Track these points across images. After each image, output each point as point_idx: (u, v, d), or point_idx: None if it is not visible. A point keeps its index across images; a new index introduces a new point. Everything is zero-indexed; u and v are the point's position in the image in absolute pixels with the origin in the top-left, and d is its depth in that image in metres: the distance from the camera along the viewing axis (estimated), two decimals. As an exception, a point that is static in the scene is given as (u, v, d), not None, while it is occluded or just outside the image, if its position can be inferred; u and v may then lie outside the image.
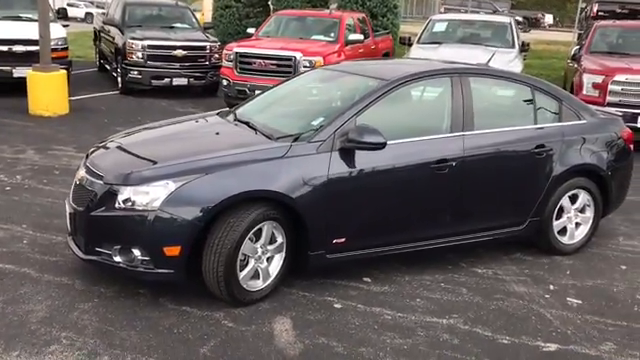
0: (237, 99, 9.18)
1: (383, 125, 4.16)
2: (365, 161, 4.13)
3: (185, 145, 4.30)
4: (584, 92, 9.05)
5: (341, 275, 4.42)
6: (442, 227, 4.52)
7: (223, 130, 4.54)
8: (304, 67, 9.58)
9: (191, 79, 11.68)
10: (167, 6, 13.37)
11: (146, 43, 11.34)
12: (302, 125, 4.32)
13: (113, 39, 12.36)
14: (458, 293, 4.34)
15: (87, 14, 34.52)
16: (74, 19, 33.77)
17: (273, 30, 11.60)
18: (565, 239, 5.07)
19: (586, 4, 22.03)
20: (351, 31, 11.36)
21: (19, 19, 10.97)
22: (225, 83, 10.42)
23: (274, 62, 10.01)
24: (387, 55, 13.35)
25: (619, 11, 18.39)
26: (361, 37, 11.26)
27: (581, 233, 5.14)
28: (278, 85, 5.45)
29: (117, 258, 3.79)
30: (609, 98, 8.75)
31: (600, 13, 18.56)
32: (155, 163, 3.90)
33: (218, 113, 5.05)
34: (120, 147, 4.32)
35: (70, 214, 4.11)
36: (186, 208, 3.67)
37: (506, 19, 11.61)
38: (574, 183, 4.98)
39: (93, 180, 3.96)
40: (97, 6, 34.11)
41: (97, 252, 3.86)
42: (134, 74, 11.39)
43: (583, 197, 5.06)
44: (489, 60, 5.24)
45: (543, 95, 4.97)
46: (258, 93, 5.67)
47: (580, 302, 4.30)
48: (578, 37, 17.14)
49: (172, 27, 12.56)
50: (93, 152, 4.37)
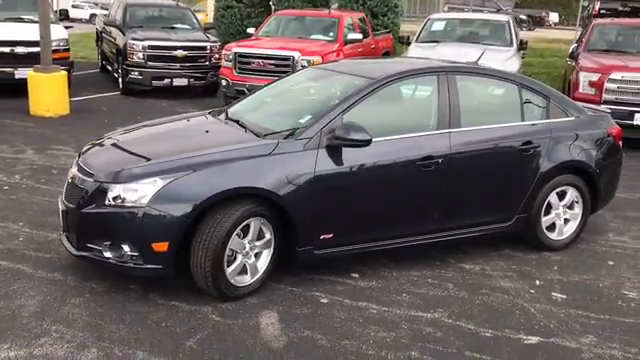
0: (236, 99, 9.24)
1: (370, 123, 4.24)
2: (351, 158, 4.20)
3: (174, 143, 4.38)
4: (580, 90, 9.09)
5: (329, 271, 4.49)
6: (429, 223, 4.59)
7: (213, 128, 4.62)
8: (302, 67, 9.65)
9: (191, 79, 11.78)
10: (168, 7, 13.48)
11: (146, 44, 11.44)
12: (291, 123, 4.39)
13: (114, 40, 12.47)
14: (444, 288, 4.40)
15: (92, 15, 34.71)
16: (79, 20, 34.05)
17: (273, 30, 11.69)
18: (554, 235, 5.13)
19: (588, 2, 22.03)
20: (350, 30, 11.43)
21: (21, 21, 11.09)
22: (224, 83, 10.52)
23: (272, 62, 10.10)
24: (387, 54, 13.41)
25: (621, 9, 18.37)
26: (360, 36, 11.33)
27: (570, 229, 5.19)
28: (270, 84, 5.53)
29: (107, 254, 3.87)
30: (605, 96, 8.78)
31: (602, 11, 18.55)
32: (149, 160, 3.98)
33: (210, 112, 5.14)
34: (111, 145, 4.41)
35: (62, 211, 4.20)
36: (173, 205, 3.75)
37: (504, 18, 11.65)
38: (562, 180, 5.03)
39: (84, 178, 4.05)
40: (101, 7, 34.27)
41: (88, 248, 3.95)
42: (135, 75, 11.50)
43: (571, 193, 5.11)
44: (479, 58, 5.28)
45: (530, 93, 5.02)
46: (251, 92, 5.74)
47: (565, 297, 4.36)
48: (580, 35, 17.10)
49: (173, 28, 12.68)
50: (85, 151, 4.46)
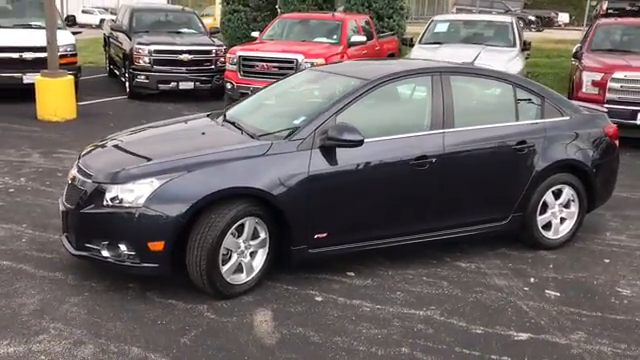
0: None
1: (364, 123, 4.32)
2: (345, 158, 4.26)
3: (170, 145, 4.47)
4: (584, 90, 9.10)
5: (326, 270, 4.56)
6: (423, 222, 4.64)
7: (210, 130, 4.71)
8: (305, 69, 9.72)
9: (197, 83, 11.89)
10: (174, 11, 13.67)
11: (152, 48, 11.58)
12: (286, 124, 4.46)
13: (121, 45, 12.63)
14: (439, 286, 4.45)
15: (101, 21, 34.94)
16: (88, 26, 34.43)
17: (277, 33, 11.80)
18: (550, 234, 5.16)
19: (597, 2, 21.97)
20: (354, 33, 11.50)
21: (29, 27, 11.25)
22: (229, 86, 10.63)
23: (276, 65, 10.20)
24: (392, 56, 13.46)
25: (629, 8, 18.33)
26: (364, 38, 11.39)
27: (566, 228, 5.21)
28: (268, 86, 5.61)
29: (105, 253, 3.96)
30: (608, 95, 8.79)
31: (610, 11, 18.52)
32: (148, 161, 4.07)
33: (209, 114, 5.22)
34: (108, 147, 4.52)
35: (63, 212, 4.30)
36: (169, 205, 3.84)
37: (507, 19, 11.68)
38: (557, 179, 5.06)
39: (83, 179, 4.15)
40: (111, 13, 34.60)
41: (87, 248, 4.04)
42: (141, 79, 11.64)
43: (567, 192, 5.14)
44: (475, 59, 5.33)
45: (525, 92, 5.06)
46: (249, 94, 5.83)
47: (558, 294, 4.39)
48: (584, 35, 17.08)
49: (179, 32, 12.82)
50: (85, 153, 4.56)
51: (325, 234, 4.29)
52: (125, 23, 12.84)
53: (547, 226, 5.14)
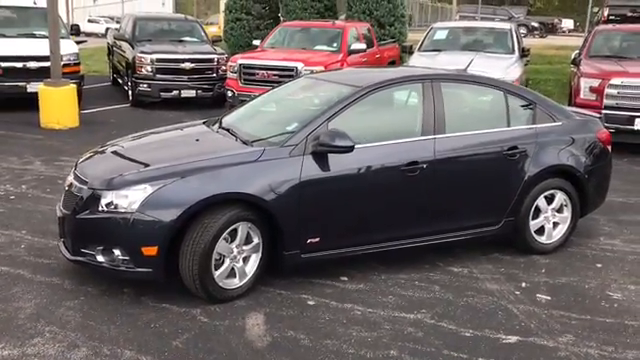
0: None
1: (356, 130, 4.40)
2: (337, 164, 4.32)
3: (165, 151, 4.55)
4: (582, 96, 9.14)
5: (319, 275, 4.61)
6: (415, 227, 4.69)
7: (204, 137, 4.78)
8: (305, 77, 9.81)
9: (199, 91, 12.00)
10: (176, 20, 13.78)
11: (155, 57, 11.71)
12: (279, 131, 4.53)
13: (124, 53, 12.76)
14: (430, 290, 4.50)
15: (107, 30, 35.22)
16: (95, 35, 34.68)
17: (278, 41, 11.91)
18: (543, 238, 5.20)
19: (598, 8, 22.01)
20: (355, 41, 11.59)
21: (33, 36, 11.40)
22: (230, 94, 10.74)
23: (276, 73, 10.29)
24: (393, 63, 13.55)
25: (630, 15, 18.35)
26: (363, 46, 11.48)
27: (559, 233, 5.25)
28: (264, 93, 5.69)
29: (100, 258, 4.04)
30: (606, 101, 8.83)
31: (611, 17, 18.55)
32: (144, 167, 4.17)
33: (205, 122, 5.30)
34: (103, 155, 4.62)
35: (59, 218, 4.38)
36: (162, 210, 3.91)
37: (506, 26, 11.74)
38: (550, 184, 5.11)
39: (79, 186, 4.23)
40: (117, 22, 34.80)
41: (83, 253, 4.12)
42: (144, 87, 11.76)
43: (560, 197, 5.18)
44: (467, 66, 5.40)
45: (516, 98, 5.12)
46: (246, 101, 5.91)
47: (549, 298, 4.43)
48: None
49: (181, 41, 12.94)
50: (81, 160, 4.65)
51: (318, 239, 4.35)
52: (128, 32, 12.99)
53: (540, 231, 5.18)
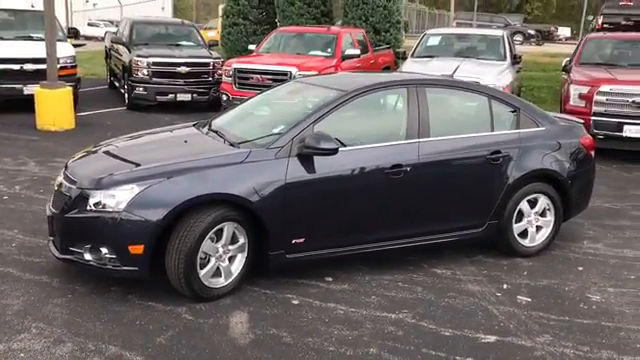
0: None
1: (342, 133, 4.50)
2: (322, 166, 4.40)
3: (154, 153, 4.62)
4: (571, 103, 9.25)
5: (304, 275, 4.69)
6: (399, 229, 4.77)
7: (193, 139, 4.87)
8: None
9: (195, 95, 12.10)
10: (173, 25, 13.89)
11: (151, 60, 11.81)
12: (266, 133, 4.61)
13: (121, 57, 12.87)
14: (413, 291, 4.58)
15: (107, 33, 35.37)
16: (94, 38, 34.85)
17: (273, 46, 12.01)
18: (526, 242, 5.28)
19: (593, 17, 22.17)
20: (349, 46, 11.69)
21: (30, 39, 11.50)
22: (225, 98, 10.83)
23: (271, 77, 10.38)
24: (388, 69, 13.65)
25: (624, 23, 18.50)
26: (357, 52, 11.59)
27: (542, 236, 5.33)
28: (255, 96, 5.78)
29: (87, 256, 4.12)
30: (595, 108, 8.92)
31: (605, 25, 18.71)
32: (136, 167, 4.26)
33: (195, 124, 5.38)
34: (91, 156, 4.71)
35: (49, 217, 4.46)
36: (148, 210, 3.99)
37: (499, 33, 11.86)
38: (533, 188, 5.19)
39: (69, 185, 4.31)
40: (116, 25, 34.93)
41: (71, 251, 4.20)
42: (140, 90, 11.86)
43: (543, 201, 5.26)
44: (454, 72, 5.49)
45: (500, 104, 5.22)
46: (236, 104, 6.00)
47: (529, 299, 4.51)
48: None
49: (178, 45, 13.05)
50: (71, 161, 4.73)
51: (303, 240, 4.43)
52: (125, 35, 13.10)
53: (523, 234, 5.27)
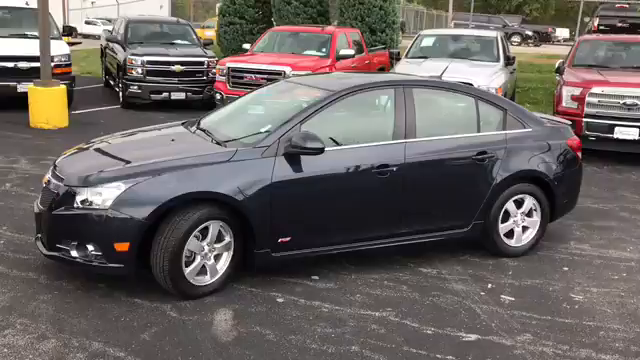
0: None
1: (328, 132, 4.54)
2: (309, 165, 4.44)
3: (141, 151, 4.64)
4: (564, 104, 9.29)
5: (291, 273, 4.72)
6: (385, 228, 4.81)
7: (180, 137, 4.90)
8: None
9: (189, 93, 12.13)
10: (169, 23, 13.91)
11: (145, 59, 11.84)
12: (253, 132, 4.65)
13: (116, 55, 12.88)
14: (398, 290, 4.61)
15: (104, 31, 35.35)
16: (92, 37, 34.84)
17: (268, 46, 12.03)
18: (512, 242, 5.31)
19: (589, 19, 22.24)
20: (344, 46, 11.72)
21: (25, 37, 11.51)
22: (218, 97, 10.85)
23: (264, 76, 10.40)
24: (382, 69, 13.67)
25: (619, 25, 18.58)
26: (352, 52, 11.61)
27: (528, 236, 5.37)
28: (244, 95, 5.81)
29: (74, 253, 4.15)
30: (587, 110, 8.96)
31: (601, 27, 18.78)
32: (124, 165, 4.29)
33: (183, 123, 5.41)
34: (79, 154, 4.75)
35: (36, 214, 4.49)
36: (134, 207, 4.02)
37: (493, 34, 11.89)
38: (518, 188, 5.23)
39: (56, 183, 4.34)
40: (114, 24, 34.94)
41: (57, 248, 4.23)
42: (134, 89, 11.88)
43: (529, 202, 5.30)
44: (442, 73, 5.53)
45: (487, 105, 5.25)
46: (226, 103, 6.03)
47: (513, 299, 4.55)
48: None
49: (172, 44, 13.07)
50: (60, 159, 4.76)
51: (288, 238, 4.47)
52: (120, 34, 13.12)
53: (509, 234, 5.30)
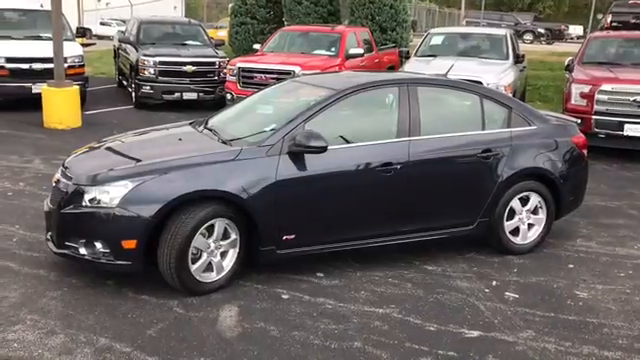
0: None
1: (333, 131, 4.59)
2: (313, 163, 4.49)
3: (149, 150, 4.73)
4: (573, 102, 9.26)
5: (297, 270, 4.78)
6: (390, 226, 4.85)
7: (188, 137, 4.98)
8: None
9: (201, 93, 12.24)
10: (181, 24, 14.02)
11: (157, 59, 11.96)
12: (258, 131, 4.71)
13: (128, 56, 13.03)
14: (402, 287, 4.65)
15: (117, 32, 35.66)
16: (107, 38, 35.12)
17: (278, 45, 12.10)
18: (518, 239, 5.33)
19: (602, 15, 22.07)
20: (354, 45, 11.76)
21: (39, 38, 11.66)
22: (229, 97, 10.94)
23: (274, 76, 10.45)
24: (392, 68, 13.69)
25: (633, 21, 18.39)
26: (361, 51, 11.64)
27: (534, 234, 5.38)
28: (251, 95, 5.88)
29: (82, 251, 4.24)
30: (596, 107, 8.93)
31: (614, 24, 18.61)
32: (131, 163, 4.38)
33: (191, 122, 5.49)
34: (87, 154, 4.87)
35: (46, 212, 4.59)
36: (141, 206, 4.10)
37: (502, 32, 11.86)
38: (524, 186, 5.24)
39: (65, 182, 4.44)
40: (128, 25, 35.23)
41: (67, 246, 4.32)
42: (146, 89, 12.01)
43: (534, 199, 5.31)
44: (448, 71, 5.55)
45: (492, 103, 5.27)
46: (234, 103, 6.10)
47: (517, 296, 4.57)
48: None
49: (184, 44, 13.18)
50: (69, 158, 4.86)
51: (293, 236, 4.52)
52: (133, 35, 13.25)
53: (515, 231, 5.32)
